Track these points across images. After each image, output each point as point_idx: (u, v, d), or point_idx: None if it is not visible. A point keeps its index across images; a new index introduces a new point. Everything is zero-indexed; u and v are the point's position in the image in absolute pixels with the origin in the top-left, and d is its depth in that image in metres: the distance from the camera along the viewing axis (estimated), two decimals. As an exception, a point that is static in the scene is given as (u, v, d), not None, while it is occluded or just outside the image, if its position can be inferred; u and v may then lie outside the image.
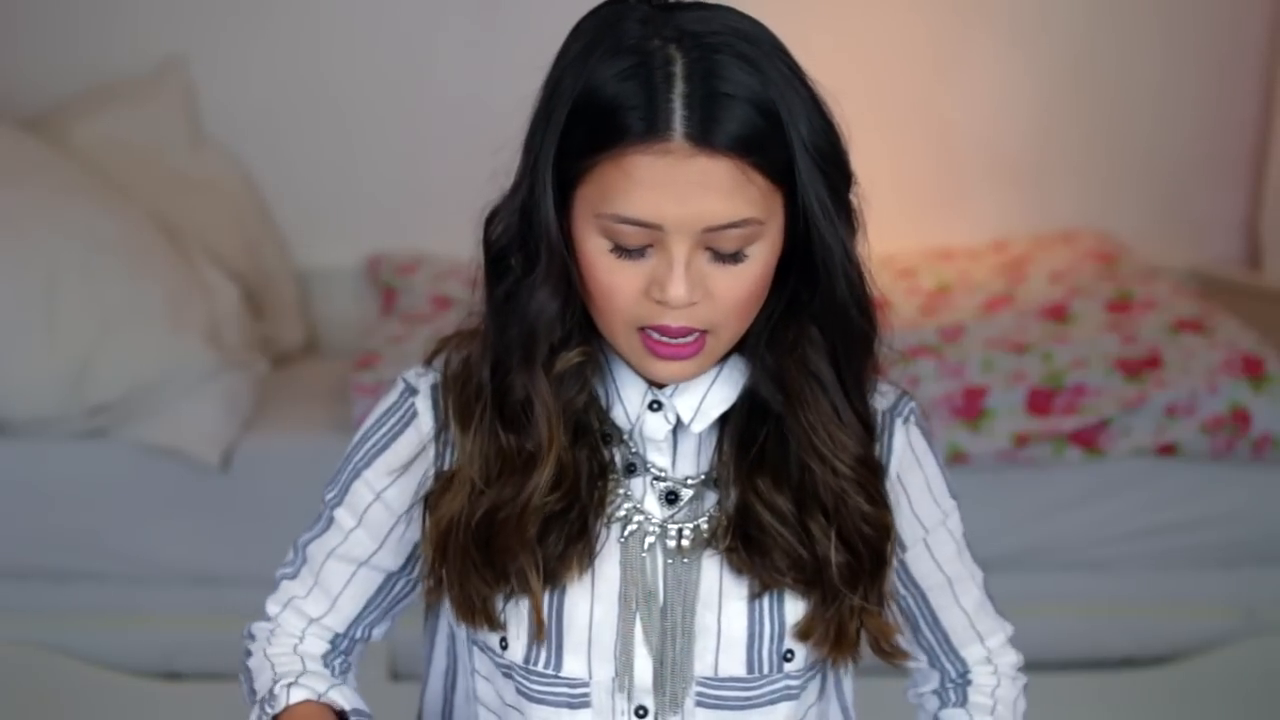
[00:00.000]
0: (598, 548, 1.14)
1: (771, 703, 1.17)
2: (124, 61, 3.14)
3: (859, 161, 1.13)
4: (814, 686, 1.21)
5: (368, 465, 1.19)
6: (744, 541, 1.13)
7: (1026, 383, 2.56)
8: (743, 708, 1.16)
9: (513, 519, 1.11)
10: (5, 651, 2.48)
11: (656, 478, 1.15)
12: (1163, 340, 2.65)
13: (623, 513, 1.15)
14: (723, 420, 1.15)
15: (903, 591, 1.23)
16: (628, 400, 1.14)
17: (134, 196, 2.82)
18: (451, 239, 1.17)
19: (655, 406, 1.13)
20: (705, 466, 1.16)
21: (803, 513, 1.13)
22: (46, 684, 2.47)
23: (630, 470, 1.16)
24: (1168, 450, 2.51)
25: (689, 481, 1.16)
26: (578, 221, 1.08)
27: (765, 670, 1.15)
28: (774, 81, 1.05)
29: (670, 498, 1.15)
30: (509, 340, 1.11)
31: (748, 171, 1.04)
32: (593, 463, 1.13)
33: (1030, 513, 2.54)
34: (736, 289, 1.07)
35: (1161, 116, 3.38)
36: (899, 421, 1.20)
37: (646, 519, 1.15)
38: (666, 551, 1.15)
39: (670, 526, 1.15)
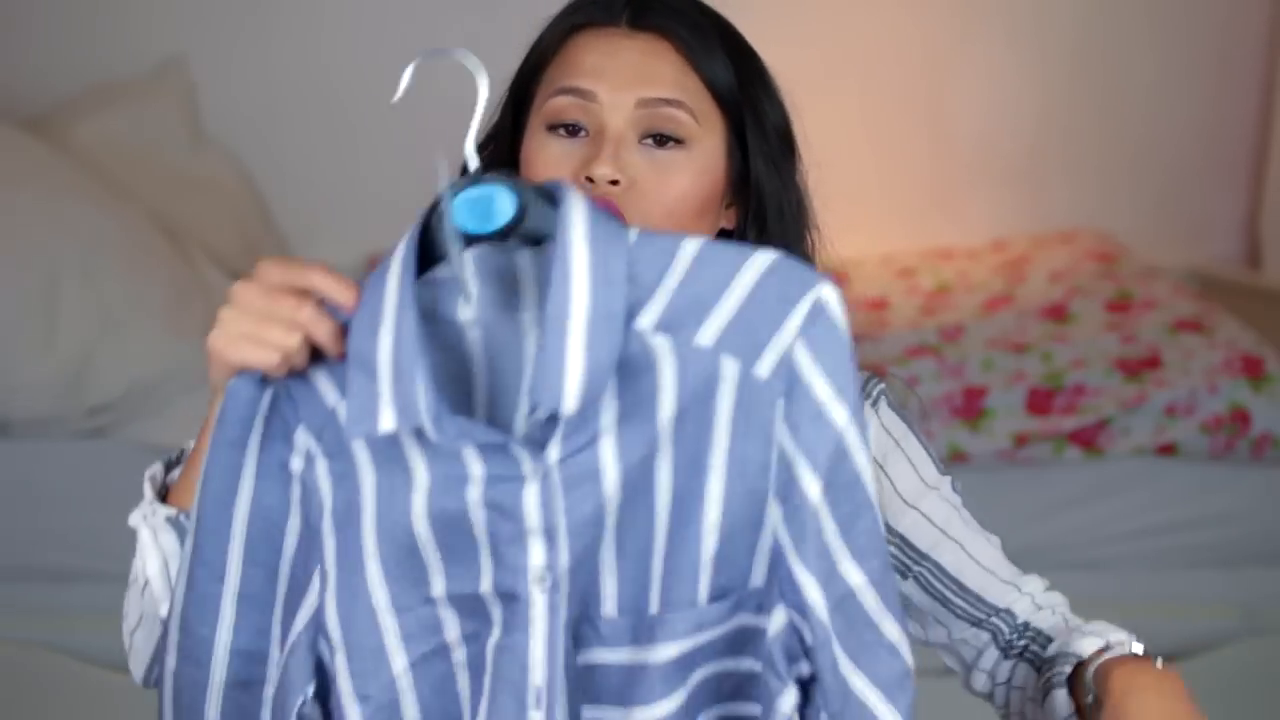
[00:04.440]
0: None
1: None
2: (124, 61, 3.15)
3: (857, 162, 1.14)
4: None
5: None
6: None
7: (1026, 382, 2.56)
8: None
9: None
10: (5, 651, 2.48)
11: None
12: (1162, 340, 2.65)
13: None
14: None
15: (916, 568, 1.19)
16: None
17: (134, 196, 2.82)
18: (451, 239, 1.19)
19: None
20: None
21: None
22: (46, 684, 2.47)
23: None
24: (1167, 450, 2.51)
25: None
26: (527, 134, 1.14)
27: None
28: (726, 27, 1.15)
29: None
30: None
31: (687, 66, 1.11)
32: None
33: (1030, 513, 2.54)
34: (663, 187, 1.10)
35: (1160, 116, 3.39)
36: (867, 405, 1.18)
37: None
38: None
39: None
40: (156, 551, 1.09)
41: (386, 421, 0.92)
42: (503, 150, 1.17)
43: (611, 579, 0.96)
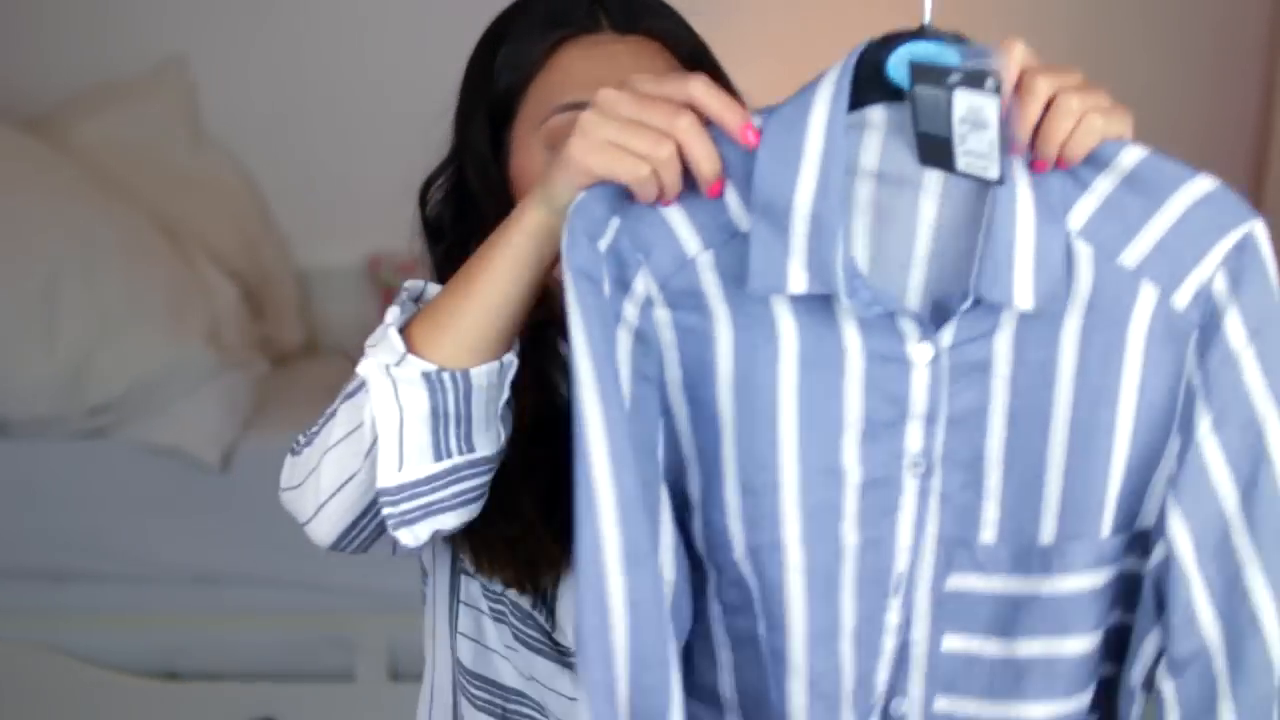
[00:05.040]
0: None
1: None
2: (124, 61, 3.14)
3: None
4: None
5: None
6: None
7: (1026, 383, 2.56)
8: None
9: None
10: (5, 651, 2.48)
11: None
12: (1162, 340, 2.65)
13: None
14: None
15: None
16: None
17: (134, 196, 2.82)
18: (451, 240, 1.19)
19: None
20: None
21: None
22: (46, 684, 2.47)
23: None
24: (1167, 450, 2.51)
25: None
26: (517, 152, 1.11)
27: None
28: (692, 30, 1.13)
29: None
30: None
31: (674, 61, 1.10)
32: None
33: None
34: None
35: (1159, 116, 3.37)
36: None
37: None
38: None
39: None
40: (395, 408, 0.96)
41: (797, 282, 0.84)
42: (487, 170, 1.14)
43: (994, 504, 0.91)
